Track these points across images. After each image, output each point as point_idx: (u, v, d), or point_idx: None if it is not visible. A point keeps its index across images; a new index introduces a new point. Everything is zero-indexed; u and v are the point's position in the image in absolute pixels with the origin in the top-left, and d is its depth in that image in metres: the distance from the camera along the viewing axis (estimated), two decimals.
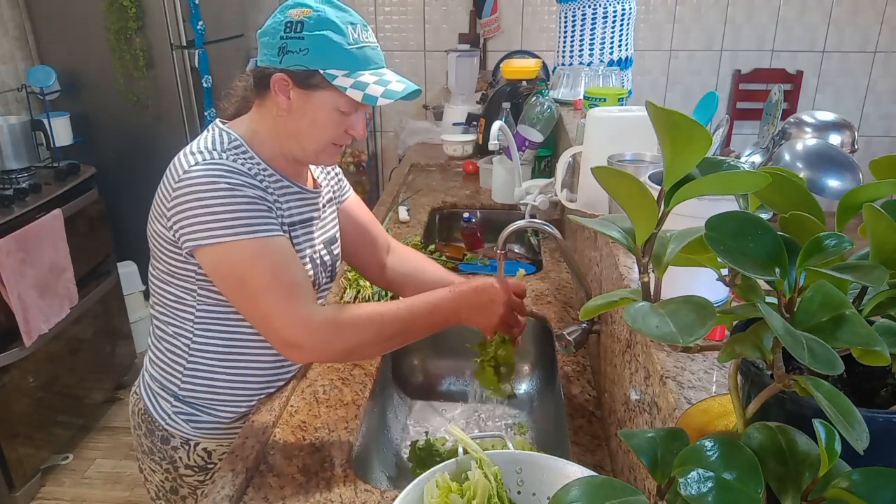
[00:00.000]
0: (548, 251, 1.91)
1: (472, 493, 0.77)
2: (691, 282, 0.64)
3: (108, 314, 2.82)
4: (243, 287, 1.02)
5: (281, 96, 1.06)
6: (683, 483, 0.39)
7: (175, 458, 1.20)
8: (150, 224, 1.11)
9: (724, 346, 0.46)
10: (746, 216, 0.44)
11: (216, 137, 1.10)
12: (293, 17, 1.03)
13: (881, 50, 4.19)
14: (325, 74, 1.03)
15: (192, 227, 1.01)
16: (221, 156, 1.05)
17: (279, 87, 1.06)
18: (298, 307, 1.02)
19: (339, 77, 1.03)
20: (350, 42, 1.03)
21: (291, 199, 1.16)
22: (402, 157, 3.18)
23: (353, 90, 1.03)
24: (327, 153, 1.13)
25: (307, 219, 1.19)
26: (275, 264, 1.02)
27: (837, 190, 0.90)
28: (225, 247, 1.01)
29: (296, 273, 1.05)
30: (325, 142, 1.10)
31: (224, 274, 1.04)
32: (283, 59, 1.04)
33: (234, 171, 1.03)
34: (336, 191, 1.33)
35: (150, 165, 3.37)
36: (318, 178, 1.28)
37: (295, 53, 1.03)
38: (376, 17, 4.32)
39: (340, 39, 1.03)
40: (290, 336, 1.02)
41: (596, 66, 2.34)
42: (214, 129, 1.13)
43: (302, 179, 1.20)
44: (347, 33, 1.03)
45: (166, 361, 1.18)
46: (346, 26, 1.04)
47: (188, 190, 1.01)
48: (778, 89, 1.15)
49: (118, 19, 2.88)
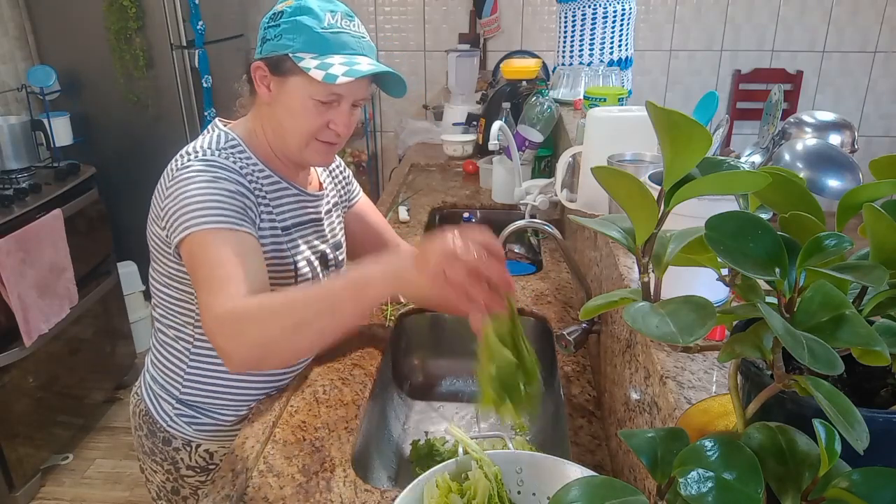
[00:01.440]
0: (548, 251, 1.91)
1: (473, 494, 0.77)
2: (691, 282, 0.64)
3: (108, 314, 2.82)
4: (195, 274, 0.94)
5: (262, 87, 1.06)
6: (683, 483, 0.39)
7: (176, 459, 1.20)
8: (149, 228, 1.10)
9: (724, 346, 0.46)
10: (746, 216, 0.44)
11: (213, 138, 1.09)
12: (278, 8, 1.03)
13: (881, 50, 4.19)
14: (294, 57, 1.01)
15: (175, 222, 0.98)
16: (215, 154, 1.04)
17: (259, 77, 1.05)
18: (216, 299, 0.88)
19: (307, 59, 1.01)
20: (324, 26, 1.01)
21: (287, 200, 1.14)
22: (402, 157, 3.18)
23: (315, 70, 1.00)
24: (312, 149, 1.08)
25: (305, 221, 1.18)
26: (226, 256, 0.92)
27: (837, 190, 0.90)
28: (193, 236, 0.95)
29: (239, 266, 0.92)
30: (305, 134, 1.06)
31: (190, 265, 0.96)
32: (262, 49, 1.04)
33: (221, 167, 1.02)
34: (343, 195, 1.32)
35: (150, 165, 3.37)
36: (325, 181, 1.26)
37: (271, 41, 1.03)
38: (376, 17, 4.32)
39: (313, 23, 1.01)
40: (208, 332, 0.89)
41: (596, 66, 2.34)
42: (214, 129, 1.12)
43: (301, 181, 1.18)
44: (323, 18, 1.02)
45: (168, 364, 1.18)
46: (325, 13, 1.02)
47: (174, 187, 1.00)
48: (778, 89, 1.15)
49: (118, 19, 2.88)
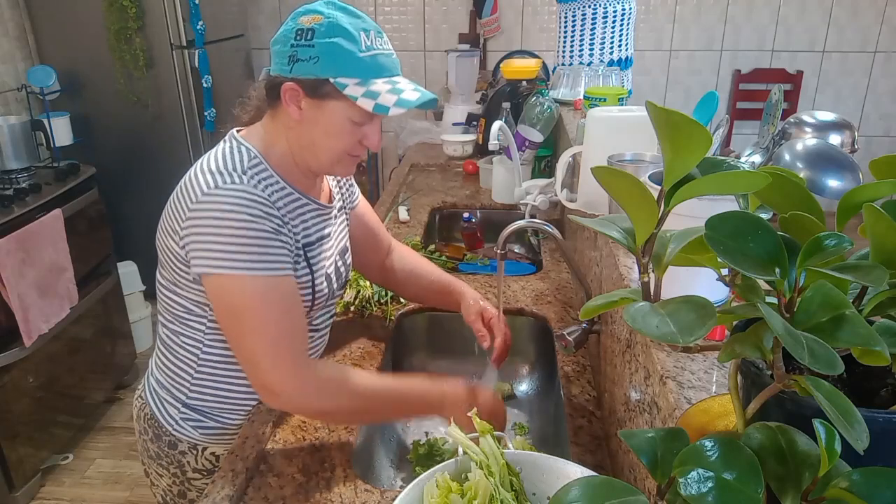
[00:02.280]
0: (548, 251, 1.91)
1: (473, 494, 0.77)
2: (691, 282, 0.64)
3: (108, 314, 2.82)
4: (240, 322, 1.01)
5: (292, 106, 1.03)
6: (683, 483, 0.39)
7: (183, 462, 1.20)
8: (160, 236, 1.08)
9: (724, 346, 0.46)
10: (746, 216, 0.44)
11: (236, 154, 1.05)
12: (304, 24, 0.99)
13: (881, 50, 4.19)
14: (336, 83, 0.99)
15: (206, 252, 0.98)
16: (242, 178, 1.01)
17: (290, 97, 1.02)
18: (288, 356, 1.01)
19: (351, 86, 0.99)
20: (362, 49, 1.00)
21: (307, 216, 1.13)
22: (402, 157, 3.18)
23: (364, 99, 0.99)
24: (343, 164, 1.10)
25: (323, 235, 1.17)
26: (276, 307, 1.01)
27: (837, 190, 0.90)
28: (231, 279, 0.98)
29: (294, 319, 1.04)
30: (340, 153, 1.07)
31: (225, 304, 1.02)
32: (294, 68, 1.00)
33: (256, 201, 0.99)
34: (347, 198, 1.32)
35: (150, 165, 3.39)
36: (332, 188, 1.26)
37: (305, 62, 0.99)
38: (376, 17, 4.32)
39: (352, 47, 0.99)
40: (272, 382, 1.01)
41: (596, 66, 2.34)
42: (232, 141, 1.09)
43: (315, 193, 1.17)
44: (360, 40, 1.00)
45: (174, 369, 1.17)
46: (359, 33, 1.00)
47: (206, 214, 0.98)
48: (778, 89, 1.15)
49: (118, 19, 2.89)
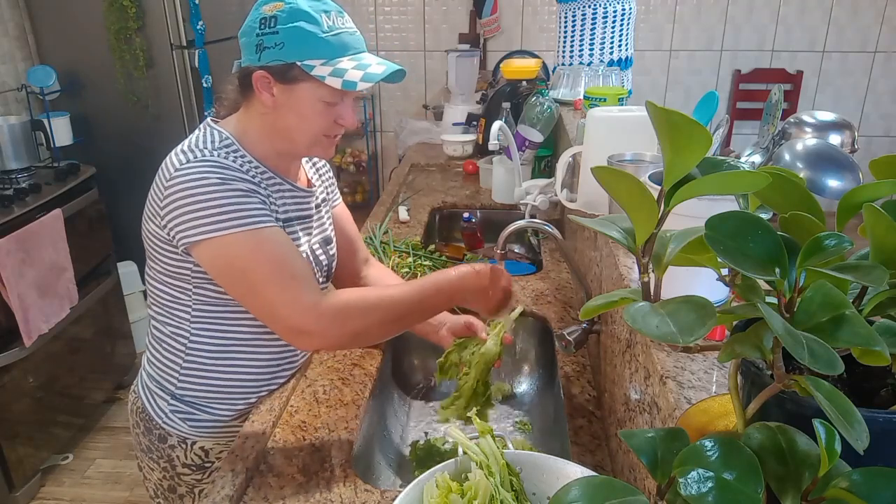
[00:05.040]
0: (548, 251, 1.91)
1: (473, 494, 0.77)
2: (691, 282, 0.64)
3: (108, 314, 2.82)
4: (244, 279, 1.02)
5: (265, 94, 1.06)
6: (683, 483, 0.39)
7: (172, 456, 1.21)
8: (144, 224, 1.11)
9: (724, 346, 0.46)
10: (746, 216, 0.44)
11: (207, 136, 1.10)
12: (266, 12, 1.03)
13: (881, 50, 4.19)
14: (303, 66, 1.02)
15: (186, 223, 1.01)
16: (213, 153, 1.05)
17: (261, 85, 1.06)
18: (302, 295, 1.02)
19: (318, 66, 1.02)
20: (325, 30, 1.03)
21: (284, 196, 1.16)
22: (402, 157, 3.18)
23: (331, 78, 1.02)
24: (320, 145, 1.13)
25: (301, 216, 1.20)
26: (274, 254, 1.02)
27: (837, 190, 0.90)
28: (221, 240, 1.00)
29: (295, 261, 1.05)
30: (316, 134, 1.10)
31: (222, 267, 1.04)
32: (262, 56, 1.04)
33: (225, 167, 1.03)
34: (330, 193, 1.34)
35: (150, 165, 3.37)
36: (312, 178, 1.28)
37: (271, 49, 1.03)
38: (376, 16, 4.32)
39: (315, 29, 1.02)
40: (297, 324, 1.02)
41: (596, 66, 2.33)
42: (206, 127, 1.13)
43: (293, 176, 1.20)
44: (321, 21, 1.03)
45: (163, 361, 1.19)
46: (320, 15, 1.03)
47: (179, 187, 1.01)
48: (778, 89, 1.15)
49: (118, 19, 2.88)
